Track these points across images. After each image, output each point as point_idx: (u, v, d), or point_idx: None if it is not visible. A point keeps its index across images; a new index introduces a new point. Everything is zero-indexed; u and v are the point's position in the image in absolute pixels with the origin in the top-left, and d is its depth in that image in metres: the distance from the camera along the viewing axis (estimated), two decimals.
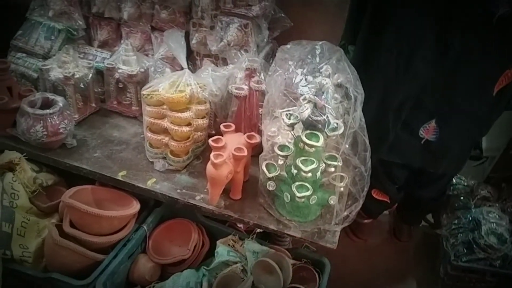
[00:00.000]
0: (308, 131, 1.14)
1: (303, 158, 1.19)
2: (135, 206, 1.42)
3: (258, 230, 1.39)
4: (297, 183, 1.23)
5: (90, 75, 1.64)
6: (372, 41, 1.36)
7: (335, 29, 1.68)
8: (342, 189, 1.28)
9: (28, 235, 1.35)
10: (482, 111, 1.45)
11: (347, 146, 1.12)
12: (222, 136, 1.39)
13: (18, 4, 1.86)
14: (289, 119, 1.19)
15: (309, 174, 1.18)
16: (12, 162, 1.43)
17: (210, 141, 1.31)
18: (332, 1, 1.65)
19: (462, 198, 1.88)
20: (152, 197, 1.43)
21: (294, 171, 1.24)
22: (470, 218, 1.78)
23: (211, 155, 1.25)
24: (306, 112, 1.12)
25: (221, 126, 1.41)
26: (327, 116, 1.09)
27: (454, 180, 1.94)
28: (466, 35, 1.22)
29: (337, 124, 1.12)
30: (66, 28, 1.72)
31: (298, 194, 1.19)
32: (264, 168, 1.29)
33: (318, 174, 1.25)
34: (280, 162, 1.30)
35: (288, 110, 1.24)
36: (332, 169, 1.25)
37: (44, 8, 1.73)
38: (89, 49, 1.81)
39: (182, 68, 1.47)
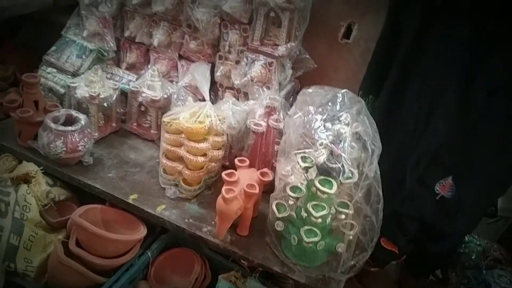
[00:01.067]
0: (322, 177, 1.14)
1: (314, 203, 1.19)
2: (142, 231, 1.43)
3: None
4: (306, 227, 1.21)
5: (115, 96, 1.69)
6: (396, 94, 1.37)
7: (357, 76, 1.70)
8: (351, 237, 1.26)
9: (34, 249, 1.36)
10: (501, 171, 1.42)
11: (360, 195, 1.11)
12: (236, 169, 1.40)
13: (55, 22, 1.95)
14: (304, 162, 1.19)
15: (319, 220, 1.17)
16: (28, 174, 1.46)
17: (223, 174, 1.31)
18: (357, 49, 1.68)
19: (473, 257, 1.82)
20: (160, 224, 1.43)
21: (304, 214, 1.23)
22: (480, 280, 1.72)
23: (223, 189, 1.25)
24: (322, 158, 1.13)
25: (236, 160, 1.41)
26: (343, 165, 1.09)
27: (466, 238, 1.88)
28: (490, 98, 1.22)
29: (352, 172, 1.12)
30: (97, 48, 1.78)
31: (306, 239, 1.18)
32: (274, 208, 1.29)
33: (328, 220, 1.24)
34: (291, 202, 1.30)
35: (304, 152, 1.25)
36: (343, 216, 1.24)
37: (79, 28, 1.81)
38: (116, 70, 1.87)
39: (204, 99, 1.51)
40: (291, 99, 1.80)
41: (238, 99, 1.76)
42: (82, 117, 1.53)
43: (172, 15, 1.73)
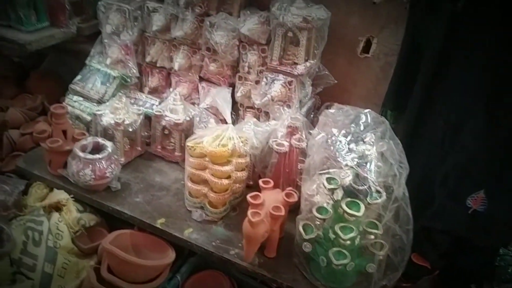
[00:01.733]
0: (349, 199, 1.13)
1: (342, 224, 1.18)
2: (171, 255, 1.44)
3: None
4: (334, 249, 1.20)
5: (139, 121, 1.73)
6: (420, 111, 1.35)
7: (378, 90, 1.69)
8: (381, 257, 1.24)
9: (68, 276, 1.39)
10: None
11: (389, 216, 1.09)
12: (260, 190, 1.41)
13: (78, 50, 2.02)
14: (329, 183, 1.19)
15: (348, 242, 1.16)
16: (59, 203, 1.50)
17: (248, 197, 1.32)
18: (377, 63, 1.66)
19: (509, 270, 1.75)
20: (188, 247, 1.45)
21: (332, 236, 1.22)
22: None
23: (249, 212, 1.26)
24: (347, 179, 1.12)
25: (260, 182, 1.42)
26: (369, 187, 1.07)
27: (501, 251, 1.82)
28: None
29: (379, 193, 1.10)
30: (120, 75, 1.83)
31: (335, 262, 1.17)
32: (301, 229, 1.28)
33: (357, 241, 1.22)
34: (318, 223, 1.29)
35: (328, 172, 1.24)
36: (372, 236, 1.22)
37: (102, 56, 1.87)
38: (139, 94, 1.91)
39: (225, 120, 1.52)
40: (311, 115, 1.80)
41: (259, 119, 1.77)
42: (108, 144, 1.57)
43: (191, 39, 1.76)
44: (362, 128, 1.13)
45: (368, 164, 1.06)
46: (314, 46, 1.59)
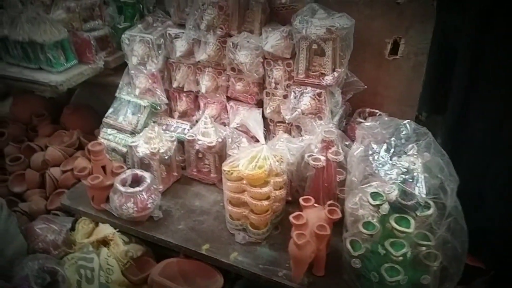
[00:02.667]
0: (397, 215, 1.09)
1: (392, 240, 1.14)
2: (220, 281, 1.45)
3: None
4: (386, 265, 1.17)
5: (173, 148, 1.75)
6: (461, 111, 1.30)
7: (410, 91, 1.64)
8: (435, 268, 1.20)
9: None
10: None
11: (442, 230, 1.05)
12: (300, 207, 1.39)
13: (105, 82, 2.07)
14: (374, 199, 1.16)
15: (400, 258, 1.12)
16: (107, 238, 1.54)
17: (291, 218, 1.30)
18: (407, 64, 1.61)
19: None
20: (235, 271, 1.45)
21: (382, 251, 1.19)
22: None
23: (294, 234, 1.24)
24: (393, 194, 1.09)
25: (301, 201, 1.40)
26: (417, 201, 1.04)
27: None
28: None
29: (428, 206, 1.07)
30: (150, 104, 1.86)
31: (389, 279, 1.13)
32: (348, 247, 1.25)
33: (409, 254, 1.18)
34: (365, 237, 1.26)
35: (371, 186, 1.21)
36: (424, 248, 1.18)
37: (131, 87, 1.90)
38: (170, 120, 1.94)
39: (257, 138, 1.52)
40: (344, 123, 1.77)
41: (290, 133, 1.76)
42: (147, 175, 1.60)
43: (215, 61, 1.77)
44: (403, 140, 1.10)
45: (415, 179, 1.02)
46: (340, 55, 1.56)
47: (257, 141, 1.54)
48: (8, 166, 1.97)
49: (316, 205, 1.41)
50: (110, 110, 1.90)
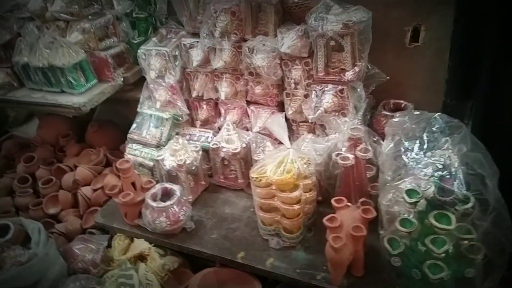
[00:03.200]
0: (436, 212, 1.06)
1: (432, 237, 1.11)
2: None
3: None
4: (428, 262, 1.14)
5: (199, 158, 1.75)
6: (491, 100, 1.25)
7: (435, 77, 1.59)
8: (479, 260, 1.16)
9: None
10: None
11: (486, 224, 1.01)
12: (331, 207, 1.37)
13: (124, 97, 2.08)
14: (410, 197, 1.13)
15: (443, 255, 1.09)
16: (143, 253, 1.56)
17: (325, 221, 1.29)
18: (429, 50, 1.56)
19: None
20: (272, 277, 1.45)
21: (422, 248, 1.16)
22: None
23: (330, 238, 1.23)
24: (430, 191, 1.05)
25: (333, 202, 1.38)
26: (456, 196, 1.00)
27: None
28: None
29: (467, 200, 1.03)
30: (172, 116, 1.87)
31: (433, 277, 1.10)
32: (387, 246, 1.23)
33: (451, 249, 1.15)
34: (402, 234, 1.23)
35: (404, 181, 1.18)
36: (466, 242, 1.15)
37: (151, 100, 1.92)
38: (192, 130, 1.94)
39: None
40: (368, 116, 1.73)
41: (314, 132, 1.73)
42: (176, 188, 1.61)
43: (232, 67, 1.76)
44: (436, 135, 1.06)
45: (452, 175, 0.98)
46: (359, 49, 1.52)
47: (281, 143, 1.53)
48: (41, 189, 2.02)
49: (349, 204, 1.38)
50: (134, 125, 1.92)
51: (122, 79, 1.95)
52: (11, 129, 3.40)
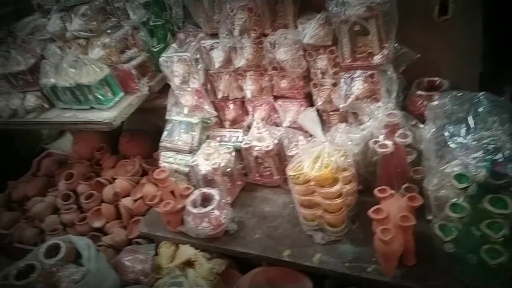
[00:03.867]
0: (490, 196, 1.01)
1: (487, 221, 1.07)
2: (308, 284, 1.45)
3: None
4: (485, 247, 1.10)
5: (233, 159, 1.75)
6: None
7: (469, 49, 1.51)
8: None
9: None
10: None
11: None
12: (374, 196, 1.34)
13: (153, 106, 2.10)
14: (460, 182, 1.08)
15: (501, 239, 1.05)
16: (190, 259, 1.58)
17: (370, 213, 1.26)
18: (460, 22, 1.47)
19: None
20: (321, 273, 1.44)
21: (477, 233, 1.12)
22: None
23: (378, 231, 1.20)
24: (481, 174, 1.00)
25: (376, 192, 1.34)
26: (509, 180, 0.95)
27: None
28: None
29: None
30: (201, 119, 1.87)
31: (491, 262, 1.06)
32: (439, 232, 1.19)
33: (508, 233, 1.10)
34: (454, 219, 1.19)
35: (450, 164, 1.14)
36: None
37: (178, 106, 1.92)
38: (222, 131, 1.94)
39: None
40: (401, 98, 1.67)
41: (347, 120, 1.69)
42: (214, 192, 1.62)
43: (255, 64, 1.73)
44: (482, 116, 1.00)
45: (505, 157, 0.93)
46: (386, 30, 1.45)
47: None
48: (84, 204, 2.08)
49: (393, 192, 1.35)
50: (165, 133, 1.93)
51: (147, 88, 1.96)
52: (46, 145, 3.52)
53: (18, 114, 2.06)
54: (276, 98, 1.82)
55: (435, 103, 1.13)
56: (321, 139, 1.43)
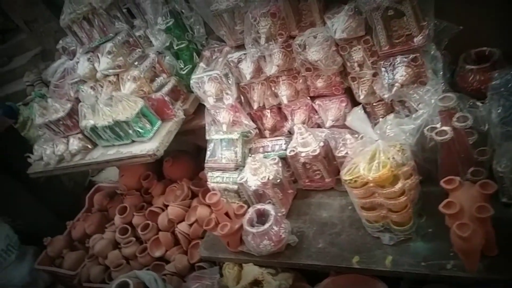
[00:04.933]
0: None
1: None
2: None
3: None
4: None
5: (280, 170, 1.70)
6: None
7: None
8: None
9: None
10: None
11: None
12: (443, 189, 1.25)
13: (192, 127, 2.08)
14: None
15: None
16: (257, 279, 1.56)
17: (442, 209, 1.17)
18: None
19: None
20: (397, 276, 1.36)
21: None
22: None
23: (454, 227, 1.11)
24: None
25: (443, 184, 1.24)
26: None
27: None
28: None
29: None
30: (240, 135, 1.83)
31: None
32: None
33: None
34: None
35: None
36: None
37: (216, 124, 1.89)
38: (264, 141, 1.89)
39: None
40: (447, 75, 1.55)
41: (393, 109, 1.60)
42: (269, 207, 1.58)
43: (286, 68, 1.67)
44: None
45: None
46: (422, 8, 1.35)
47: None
48: (141, 235, 2.11)
49: (461, 181, 1.25)
50: (208, 153, 1.91)
51: (182, 112, 1.95)
52: (93, 178, 3.63)
53: (64, 158, 2.11)
54: (313, 98, 1.76)
55: (497, 81, 1.03)
56: (372, 137, 1.35)
